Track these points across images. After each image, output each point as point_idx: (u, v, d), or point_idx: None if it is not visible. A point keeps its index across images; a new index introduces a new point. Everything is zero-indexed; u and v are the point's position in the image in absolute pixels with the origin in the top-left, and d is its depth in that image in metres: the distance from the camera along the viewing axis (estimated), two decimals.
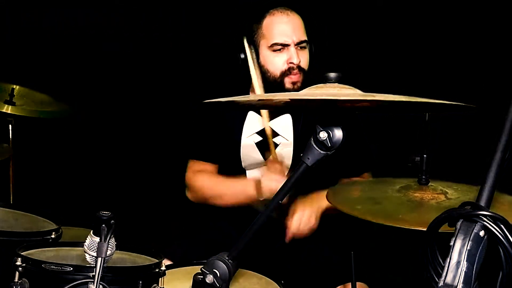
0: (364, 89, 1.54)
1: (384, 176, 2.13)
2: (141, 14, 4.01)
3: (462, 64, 3.47)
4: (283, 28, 2.45)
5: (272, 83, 2.48)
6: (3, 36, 3.94)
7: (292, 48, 2.43)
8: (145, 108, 4.03)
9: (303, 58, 2.45)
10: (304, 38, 2.46)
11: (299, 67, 2.44)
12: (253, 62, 2.48)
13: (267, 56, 2.47)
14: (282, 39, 2.44)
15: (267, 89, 2.51)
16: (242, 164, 2.58)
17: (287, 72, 2.44)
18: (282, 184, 1.62)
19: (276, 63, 2.45)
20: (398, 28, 3.60)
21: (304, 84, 2.42)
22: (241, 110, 2.57)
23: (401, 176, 1.99)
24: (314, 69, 2.59)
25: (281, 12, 2.48)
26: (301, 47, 2.45)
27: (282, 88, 2.45)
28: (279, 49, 2.44)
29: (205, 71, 3.81)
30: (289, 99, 1.64)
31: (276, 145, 2.54)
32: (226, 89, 2.59)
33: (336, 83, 1.55)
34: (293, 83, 2.44)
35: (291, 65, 2.43)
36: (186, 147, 2.71)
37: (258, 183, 2.43)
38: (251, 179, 2.51)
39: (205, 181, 2.62)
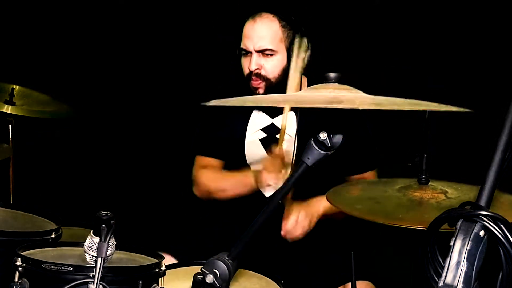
0: (364, 89, 1.54)
1: (384, 176, 2.14)
2: (142, 13, 4.01)
3: (461, 65, 3.47)
4: (248, 35, 2.52)
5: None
6: (3, 36, 3.94)
7: (253, 54, 2.50)
8: (145, 108, 4.03)
9: (266, 65, 2.51)
10: (269, 46, 2.50)
11: (258, 74, 2.50)
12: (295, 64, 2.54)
13: (241, 57, 2.56)
14: (244, 45, 2.53)
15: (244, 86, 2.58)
16: (247, 160, 2.62)
17: (249, 77, 2.53)
18: (282, 183, 1.62)
19: (243, 67, 2.56)
20: (397, 28, 3.60)
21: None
22: (244, 109, 2.62)
23: (401, 176, 1.99)
24: (313, 70, 2.61)
25: (252, 19, 2.53)
26: (265, 54, 2.50)
27: (250, 89, 2.53)
28: (244, 54, 2.53)
29: (210, 70, 3.82)
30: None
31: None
32: (231, 89, 2.64)
33: (336, 83, 1.55)
34: (255, 89, 2.53)
35: (249, 71, 2.51)
36: (193, 144, 2.75)
37: (257, 174, 2.46)
38: (250, 170, 2.54)
39: (209, 175, 2.66)
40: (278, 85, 2.51)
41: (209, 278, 1.57)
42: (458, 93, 3.29)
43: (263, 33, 2.50)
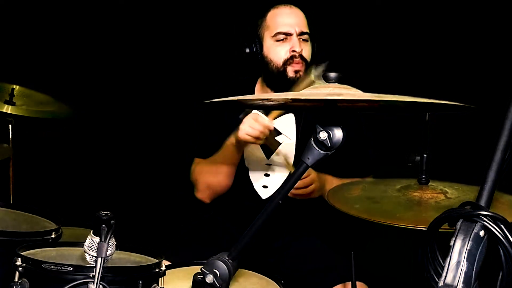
0: (364, 89, 1.54)
1: (384, 176, 2.13)
2: (142, 13, 4.01)
3: (462, 64, 3.47)
4: (286, 19, 2.53)
5: (275, 73, 2.53)
6: (3, 36, 3.94)
7: (294, 38, 2.50)
8: (145, 108, 4.03)
9: (305, 49, 2.52)
10: (307, 30, 2.53)
11: (301, 56, 2.50)
12: None
13: (270, 46, 2.54)
14: (285, 29, 2.51)
15: (269, 80, 2.57)
16: (245, 163, 2.59)
17: (289, 61, 2.50)
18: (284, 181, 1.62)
19: (279, 52, 2.51)
20: (397, 28, 3.60)
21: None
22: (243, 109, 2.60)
23: (402, 176, 1.99)
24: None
25: (284, 6, 2.57)
26: (303, 39, 2.52)
27: (284, 78, 2.50)
28: (282, 39, 2.52)
29: (208, 70, 3.82)
30: (290, 99, 1.65)
31: (278, 144, 2.56)
32: (230, 88, 2.63)
33: (336, 83, 1.55)
34: (296, 72, 2.50)
35: (294, 53, 2.49)
36: (191, 146, 2.72)
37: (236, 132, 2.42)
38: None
39: (200, 166, 2.63)
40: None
41: (209, 278, 1.57)
42: (458, 93, 3.29)
43: (300, 18, 2.55)
